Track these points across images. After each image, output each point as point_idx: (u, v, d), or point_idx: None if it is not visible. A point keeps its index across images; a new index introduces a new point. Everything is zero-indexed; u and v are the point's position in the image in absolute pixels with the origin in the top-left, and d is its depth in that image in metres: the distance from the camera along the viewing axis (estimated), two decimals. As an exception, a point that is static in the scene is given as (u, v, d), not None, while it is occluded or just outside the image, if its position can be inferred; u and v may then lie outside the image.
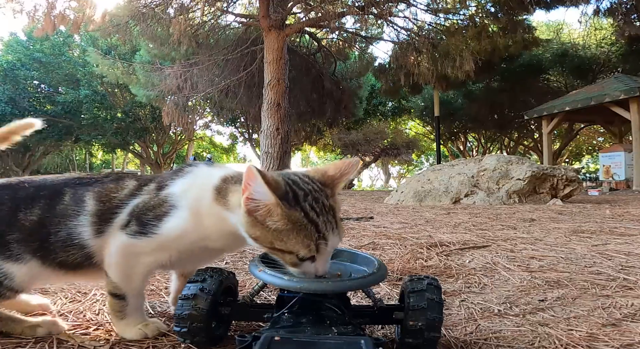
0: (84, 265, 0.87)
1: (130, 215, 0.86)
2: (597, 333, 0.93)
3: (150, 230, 0.83)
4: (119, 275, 0.86)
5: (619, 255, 1.80)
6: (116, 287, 0.87)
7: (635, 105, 9.25)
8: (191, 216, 0.84)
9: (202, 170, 0.93)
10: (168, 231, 0.84)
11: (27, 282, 0.87)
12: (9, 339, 0.87)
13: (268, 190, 0.71)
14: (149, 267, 0.89)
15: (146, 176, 0.98)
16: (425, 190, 5.74)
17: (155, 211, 0.85)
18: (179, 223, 0.84)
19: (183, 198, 0.86)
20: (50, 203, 0.88)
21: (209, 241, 0.87)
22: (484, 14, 9.05)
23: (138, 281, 0.89)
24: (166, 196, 0.87)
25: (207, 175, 0.90)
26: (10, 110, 16.58)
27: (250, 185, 0.72)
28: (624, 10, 9.02)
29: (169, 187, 0.88)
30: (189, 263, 0.98)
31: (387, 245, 2.11)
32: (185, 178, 0.90)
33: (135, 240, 0.84)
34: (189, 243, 0.86)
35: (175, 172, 0.94)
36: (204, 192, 0.86)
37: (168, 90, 10.46)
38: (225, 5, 10.27)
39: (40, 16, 8.01)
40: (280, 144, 8.38)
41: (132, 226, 0.84)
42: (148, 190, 0.90)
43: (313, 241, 0.74)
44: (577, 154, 25.20)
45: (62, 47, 18.08)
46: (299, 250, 0.74)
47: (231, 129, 21.56)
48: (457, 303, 1.17)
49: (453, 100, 17.74)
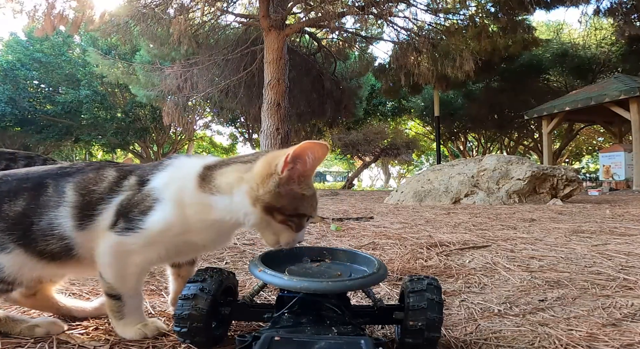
0: (63, 255, 0.87)
1: (117, 214, 0.85)
2: (597, 333, 0.93)
3: (137, 225, 0.83)
4: (113, 275, 0.86)
5: (619, 255, 1.80)
6: (111, 288, 0.87)
7: (635, 105, 9.25)
8: (174, 207, 0.85)
9: (182, 161, 0.94)
10: (153, 225, 0.83)
11: (16, 273, 0.86)
12: (9, 339, 0.87)
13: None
14: (140, 266, 0.88)
15: (126, 166, 0.97)
16: (425, 190, 5.74)
17: (139, 206, 0.85)
18: (163, 216, 0.84)
19: (165, 190, 0.86)
20: (33, 194, 0.88)
21: (192, 234, 0.87)
22: (484, 14, 9.04)
23: (132, 281, 0.88)
24: (149, 190, 0.87)
25: (187, 165, 0.91)
26: (10, 110, 16.59)
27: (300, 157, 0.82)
28: (624, 10, 9.02)
29: (150, 182, 0.88)
30: (176, 259, 0.99)
31: (387, 245, 2.11)
32: (166, 171, 0.90)
33: (124, 237, 0.84)
34: (173, 235, 0.86)
35: (155, 165, 0.94)
36: (186, 182, 0.87)
37: (168, 90, 10.47)
38: (225, 5, 10.27)
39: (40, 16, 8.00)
40: (280, 144, 8.38)
41: (120, 224, 0.84)
42: (129, 185, 0.89)
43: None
44: (577, 154, 25.18)
45: (62, 47, 18.07)
46: (312, 212, 0.88)
47: (231, 129, 21.58)
48: (457, 303, 1.17)
49: (453, 100, 17.73)
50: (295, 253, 1.00)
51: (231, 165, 0.88)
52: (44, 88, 18.74)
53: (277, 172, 0.81)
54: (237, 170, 0.86)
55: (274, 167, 0.81)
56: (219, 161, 0.91)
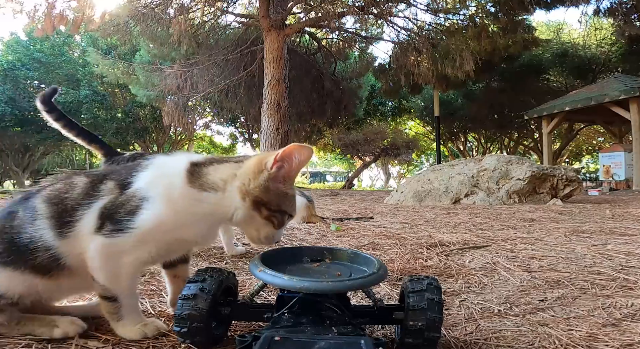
0: (53, 267, 0.87)
1: (101, 217, 0.86)
2: (597, 333, 0.93)
3: (126, 226, 0.84)
4: (106, 276, 0.87)
5: (619, 255, 1.80)
6: (106, 289, 0.87)
7: (635, 105, 9.24)
8: (164, 204, 0.86)
9: (164, 159, 0.95)
10: (144, 223, 0.84)
11: (13, 291, 0.87)
12: (8, 339, 0.87)
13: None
14: (133, 266, 0.89)
15: (95, 172, 0.97)
16: (425, 190, 5.74)
17: (126, 207, 0.85)
18: (153, 213, 0.84)
19: (152, 188, 0.87)
20: (8, 221, 0.90)
21: (183, 230, 0.88)
22: (484, 14, 9.05)
23: (127, 281, 0.89)
24: (134, 191, 0.87)
25: (171, 162, 0.93)
26: (10, 110, 16.57)
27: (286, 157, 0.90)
28: (624, 10, 9.03)
29: (133, 184, 0.89)
30: (167, 258, 1.00)
31: (387, 245, 2.11)
32: (148, 170, 0.91)
33: (113, 238, 0.84)
34: (164, 232, 0.86)
35: (133, 167, 0.94)
36: (174, 178, 0.88)
37: (168, 90, 10.47)
38: (225, 5, 10.27)
39: (40, 16, 8.01)
40: (280, 144, 8.39)
41: (107, 226, 0.85)
42: (108, 189, 0.89)
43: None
44: (577, 154, 25.18)
45: (62, 47, 18.06)
46: (292, 211, 0.94)
47: (231, 129, 21.56)
48: (457, 303, 1.17)
49: (453, 100, 17.72)
50: (295, 253, 1.00)
51: (224, 163, 0.93)
52: (44, 88, 18.63)
53: (267, 169, 0.88)
54: (231, 168, 0.91)
55: (264, 164, 0.89)
56: (206, 158, 0.95)
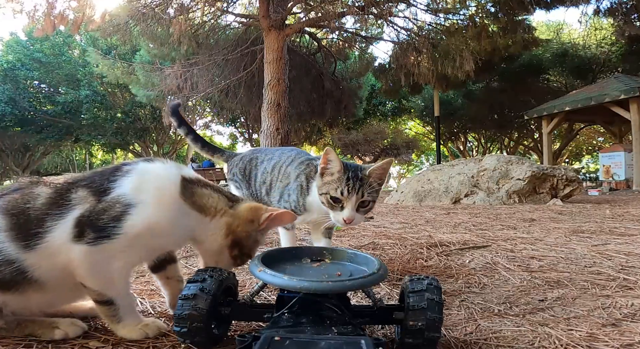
0: (20, 281, 0.84)
1: (78, 226, 0.83)
2: (597, 333, 0.93)
3: (112, 232, 0.83)
4: (99, 282, 0.86)
5: (619, 255, 1.80)
6: (101, 295, 0.87)
7: (635, 105, 9.24)
8: (155, 208, 0.87)
9: (147, 166, 0.95)
10: (132, 229, 0.84)
11: None
12: (9, 339, 0.87)
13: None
14: (125, 269, 0.89)
15: (56, 180, 0.93)
16: (425, 190, 5.74)
17: (109, 213, 0.84)
18: (142, 218, 0.85)
19: (140, 194, 0.87)
20: None
21: (165, 237, 0.90)
22: (484, 14, 9.03)
23: (121, 283, 0.89)
24: (117, 198, 0.86)
25: (160, 170, 0.95)
26: (10, 110, 16.58)
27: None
28: (624, 10, 9.01)
29: (114, 190, 0.87)
30: (148, 260, 1.01)
31: (387, 245, 2.11)
32: (131, 176, 0.90)
33: (100, 245, 0.83)
34: (152, 237, 0.87)
35: (110, 172, 0.92)
36: (168, 186, 0.91)
37: (168, 90, 10.45)
38: (225, 5, 10.26)
39: (40, 16, 8.00)
40: (280, 144, 8.38)
41: (89, 234, 0.83)
42: (80, 198, 0.87)
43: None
44: (577, 154, 25.19)
45: (62, 47, 18.06)
46: (253, 256, 1.01)
47: (231, 129, 21.59)
48: (457, 303, 1.17)
49: (453, 100, 17.73)
50: (296, 253, 1.01)
51: (216, 193, 1.00)
52: (44, 88, 18.72)
53: (258, 222, 1.01)
54: (223, 202, 0.99)
55: (257, 217, 1.01)
56: (197, 178, 1.00)
